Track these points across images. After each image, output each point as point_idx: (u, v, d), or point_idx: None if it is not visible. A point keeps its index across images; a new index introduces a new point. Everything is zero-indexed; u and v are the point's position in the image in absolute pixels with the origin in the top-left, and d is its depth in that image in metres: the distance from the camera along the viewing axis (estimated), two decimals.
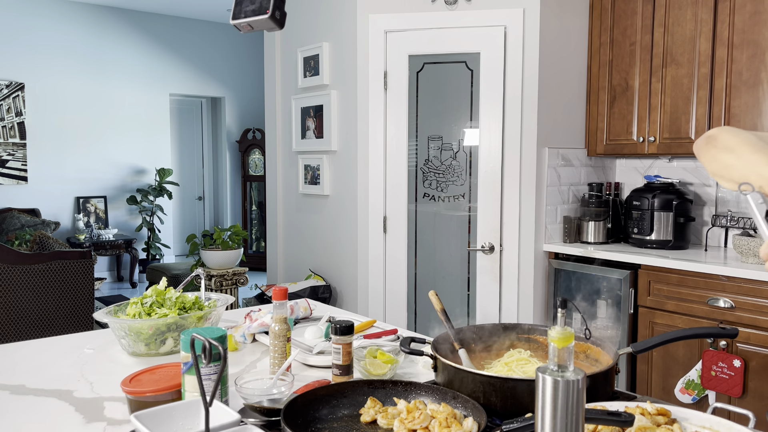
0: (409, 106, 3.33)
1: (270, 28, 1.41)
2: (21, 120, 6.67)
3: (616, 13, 3.34)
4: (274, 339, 1.32)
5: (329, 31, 3.66)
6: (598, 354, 1.27)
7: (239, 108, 8.38)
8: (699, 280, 2.76)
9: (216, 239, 4.32)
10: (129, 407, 1.14)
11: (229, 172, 8.44)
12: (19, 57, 6.66)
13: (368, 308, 3.45)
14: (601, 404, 1.04)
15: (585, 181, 3.55)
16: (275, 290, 1.33)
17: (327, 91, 3.66)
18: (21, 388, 1.32)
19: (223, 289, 4.29)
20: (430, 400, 1.13)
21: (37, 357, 1.54)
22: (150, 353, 1.52)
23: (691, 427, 0.99)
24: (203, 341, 0.97)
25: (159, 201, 7.63)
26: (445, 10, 3.24)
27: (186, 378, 1.09)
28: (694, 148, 1.00)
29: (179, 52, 7.78)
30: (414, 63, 3.31)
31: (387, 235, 3.39)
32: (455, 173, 3.32)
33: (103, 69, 7.20)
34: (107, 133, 7.27)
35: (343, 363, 1.28)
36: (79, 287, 3.13)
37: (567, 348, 0.78)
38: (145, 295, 1.59)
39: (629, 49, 3.28)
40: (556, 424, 0.77)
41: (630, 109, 3.30)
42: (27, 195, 6.75)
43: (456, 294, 3.36)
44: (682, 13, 3.06)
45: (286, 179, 4.17)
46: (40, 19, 6.77)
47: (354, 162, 3.50)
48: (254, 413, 1.11)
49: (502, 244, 3.24)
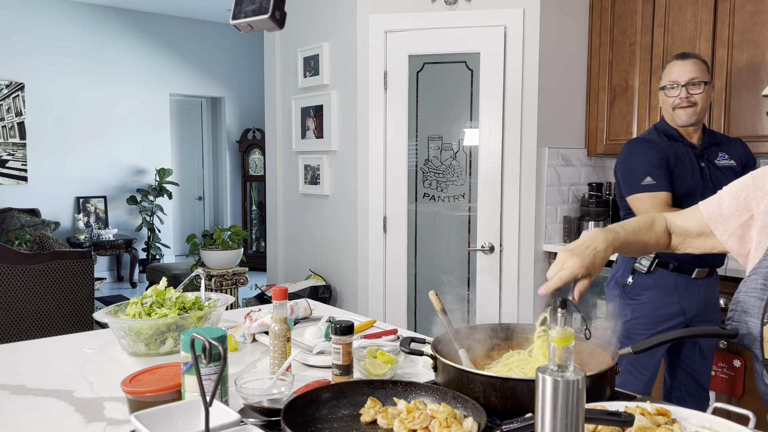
0: (409, 106, 3.33)
1: (270, 28, 1.42)
2: (21, 120, 6.67)
3: (616, 13, 3.34)
4: (274, 339, 1.32)
5: (329, 31, 3.66)
6: (598, 354, 1.26)
7: (239, 108, 8.38)
8: None
9: (216, 239, 4.32)
10: (129, 407, 1.14)
11: (229, 172, 8.44)
12: (19, 57, 6.66)
13: (368, 308, 3.45)
14: (601, 404, 1.04)
15: (585, 181, 3.55)
16: (275, 290, 1.33)
17: (327, 91, 3.66)
18: (21, 388, 1.32)
19: (223, 289, 4.29)
20: (430, 400, 1.13)
21: (37, 357, 1.54)
22: (150, 353, 1.52)
23: (691, 427, 0.99)
24: (203, 341, 0.97)
25: (159, 201, 7.63)
26: (445, 10, 3.24)
27: (186, 378, 1.09)
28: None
29: (179, 52, 7.77)
30: (414, 63, 3.31)
31: (387, 235, 3.39)
32: (455, 173, 3.32)
33: (103, 69, 7.20)
34: (107, 133, 7.27)
35: (343, 363, 1.28)
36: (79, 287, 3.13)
37: (567, 348, 0.78)
38: (145, 295, 1.59)
39: (629, 49, 3.28)
40: (556, 424, 0.77)
41: (630, 109, 3.30)
42: (27, 195, 6.75)
43: (456, 294, 3.35)
44: (682, 13, 3.06)
45: (286, 179, 4.17)
46: (40, 19, 6.77)
47: (354, 162, 3.50)
48: (254, 413, 1.11)
49: (502, 244, 3.24)
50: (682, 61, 2.20)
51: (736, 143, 2.30)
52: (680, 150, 2.21)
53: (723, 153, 2.23)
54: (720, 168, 2.21)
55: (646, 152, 2.24)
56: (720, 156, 2.23)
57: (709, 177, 2.18)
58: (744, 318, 1.19)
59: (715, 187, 2.06)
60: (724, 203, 1.31)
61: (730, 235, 1.29)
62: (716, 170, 2.20)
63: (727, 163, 2.22)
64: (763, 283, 1.17)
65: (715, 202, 1.32)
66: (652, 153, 2.21)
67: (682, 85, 2.17)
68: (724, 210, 1.30)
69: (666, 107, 2.25)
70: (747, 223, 1.27)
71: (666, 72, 2.25)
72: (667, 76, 2.24)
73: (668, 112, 2.24)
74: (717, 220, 1.31)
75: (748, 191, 1.27)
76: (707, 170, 2.20)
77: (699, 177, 2.18)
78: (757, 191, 1.26)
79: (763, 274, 1.17)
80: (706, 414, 1.00)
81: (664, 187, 2.16)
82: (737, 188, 1.30)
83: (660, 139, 2.24)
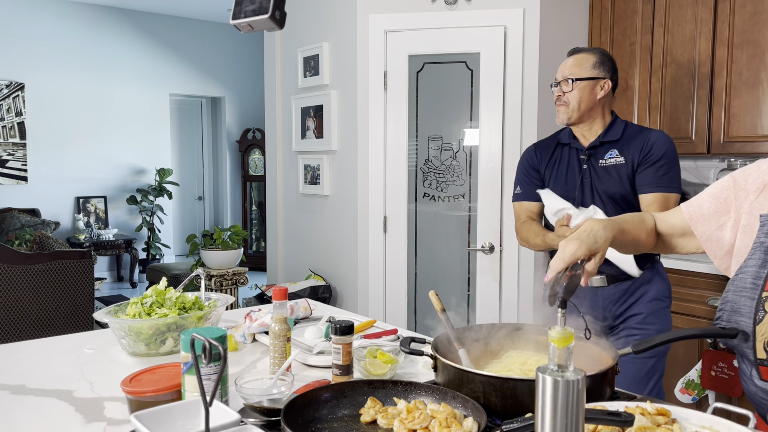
0: (409, 106, 3.33)
1: (270, 28, 1.42)
2: (21, 120, 6.67)
3: (616, 13, 3.34)
4: (274, 339, 1.32)
5: (329, 31, 3.66)
6: (598, 354, 1.26)
7: (239, 108, 8.38)
8: (699, 280, 2.76)
9: (216, 239, 4.32)
10: (129, 407, 1.14)
11: (229, 172, 8.44)
12: (19, 57, 6.66)
13: (368, 308, 3.45)
14: (601, 404, 1.04)
15: None
16: (275, 290, 1.33)
17: (327, 91, 3.66)
18: (21, 388, 1.32)
19: (223, 289, 4.29)
20: (430, 400, 1.13)
21: (37, 357, 1.54)
22: (150, 353, 1.52)
23: (691, 427, 0.99)
24: (203, 341, 0.97)
25: (159, 201, 7.63)
26: (445, 10, 3.24)
27: (186, 378, 1.09)
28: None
29: (179, 52, 7.77)
30: (414, 63, 3.31)
31: (387, 235, 3.39)
32: (455, 173, 3.32)
33: (103, 69, 7.20)
34: (107, 133, 7.27)
35: (343, 363, 1.28)
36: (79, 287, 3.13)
37: (567, 348, 0.78)
38: (145, 295, 1.59)
39: (629, 49, 3.28)
40: (556, 424, 0.77)
41: (630, 109, 3.29)
42: (27, 195, 6.75)
43: (456, 294, 3.36)
44: (682, 13, 3.06)
45: (286, 179, 4.17)
46: (40, 19, 6.77)
47: (354, 162, 3.50)
48: (254, 413, 1.11)
49: (502, 244, 3.24)
50: (567, 57, 2.10)
51: (641, 138, 2.01)
52: (563, 153, 2.12)
53: (613, 151, 2.03)
54: (605, 168, 2.02)
55: (522, 160, 2.22)
56: (608, 155, 2.03)
57: (589, 180, 2.03)
58: (735, 317, 1.19)
59: (595, 189, 2.01)
60: (704, 204, 1.32)
61: (709, 236, 1.31)
62: (600, 171, 2.02)
63: (615, 162, 2.01)
64: (753, 282, 1.17)
65: (696, 203, 1.34)
66: (525, 161, 2.19)
67: (557, 83, 2.07)
68: (704, 210, 1.32)
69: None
70: (726, 225, 1.28)
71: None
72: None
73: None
74: (698, 220, 1.32)
75: (729, 193, 1.29)
76: (589, 173, 2.04)
77: (576, 181, 2.05)
78: (739, 192, 1.27)
79: (752, 273, 1.18)
80: (706, 414, 1.00)
81: (530, 197, 2.15)
82: (717, 190, 1.31)
83: (549, 141, 2.19)
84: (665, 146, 1.98)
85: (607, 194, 2.00)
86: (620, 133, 2.04)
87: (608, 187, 2.00)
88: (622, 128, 2.05)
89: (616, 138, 2.03)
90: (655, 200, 1.95)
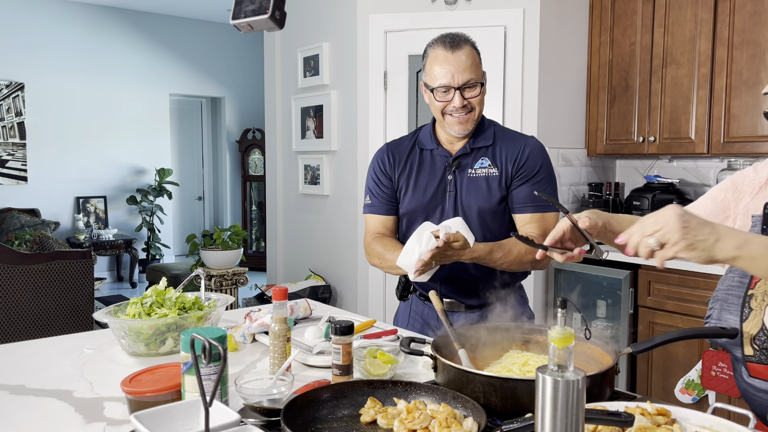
0: (409, 106, 3.33)
1: (270, 28, 1.42)
2: (21, 120, 6.67)
3: (616, 13, 3.34)
4: (274, 339, 1.32)
5: (329, 31, 3.66)
6: (598, 354, 1.27)
7: (239, 108, 8.38)
8: (699, 280, 2.76)
9: (216, 239, 4.32)
10: (129, 407, 1.14)
11: (229, 172, 8.44)
12: (19, 57, 6.66)
13: (368, 308, 3.45)
14: (601, 404, 1.04)
15: (585, 181, 3.55)
16: (275, 290, 1.33)
17: (327, 91, 3.66)
18: (21, 388, 1.32)
19: (223, 289, 4.29)
20: (430, 400, 1.13)
21: (37, 357, 1.54)
22: (150, 353, 1.52)
23: (691, 427, 0.99)
24: (203, 341, 0.97)
25: (159, 201, 7.62)
26: (445, 10, 3.24)
27: (186, 378, 1.09)
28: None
29: (179, 52, 7.77)
30: (414, 63, 3.31)
31: None
32: None
33: (103, 69, 7.20)
34: (107, 133, 7.27)
35: (343, 363, 1.28)
36: (79, 287, 3.13)
37: (567, 348, 0.78)
38: (145, 295, 1.59)
39: (629, 49, 3.28)
40: (556, 424, 0.77)
41: (630, 109, 3.30)
42: (27, 195, 6.74)
43: None
44: (682, 13, 3.06)
45: (286, 179, 4.17)
46: (40, 19, 6.77)
47: (354, 162, 3.50)
48: (254, 413, 1.11)
49: None
50: (450, 49, 1.71)
51: (515, 146, 1.76)
52: (424, 159, 1.81)
53: (484, 159, 1.76)
54: (474, 179, 1.75)
55: (373, 162, 1.88)
56: (478, 163, 1.76)
57: (454, 192, 1.75)
58: (724, 316, 1.21)
59: (459, 201, 1.75)
60: (701, 205, 1.37)
61: None
62: (468, 183, 1.75)
63: (485, 173, 1.75)
64: (740, 281, 1.21)
65: (695, 206, 1.38)
66: (375, 164, 1.86)
67: (457, 87, 1.68)
68: (702, 212, 1.35)
69: (434, 110, 1.78)
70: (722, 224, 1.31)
71: (430, 62, 1.77)
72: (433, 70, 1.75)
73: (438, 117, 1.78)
74: None
75: (727, 194, 1.33)
76: (454, 183, 1.76)
77: (437, 191, 1.77)
78: (736, 193, 1.32)
79: (739, 272, 1.21)
80: (706, 414, 1.00)
81: (382, 210, 1.84)
82: (716, 192, 1.36)
83: (406, 142, 1.87)
84: (540, 158, 1.76)
85: (473, 209, 1.74)
86: (491, 138, 1.77)
87: (476, 202, 1.74)
88: (492, 132, 1.79)
89: (487, 144, 1.76)
90: (532, 220, 1.75)
